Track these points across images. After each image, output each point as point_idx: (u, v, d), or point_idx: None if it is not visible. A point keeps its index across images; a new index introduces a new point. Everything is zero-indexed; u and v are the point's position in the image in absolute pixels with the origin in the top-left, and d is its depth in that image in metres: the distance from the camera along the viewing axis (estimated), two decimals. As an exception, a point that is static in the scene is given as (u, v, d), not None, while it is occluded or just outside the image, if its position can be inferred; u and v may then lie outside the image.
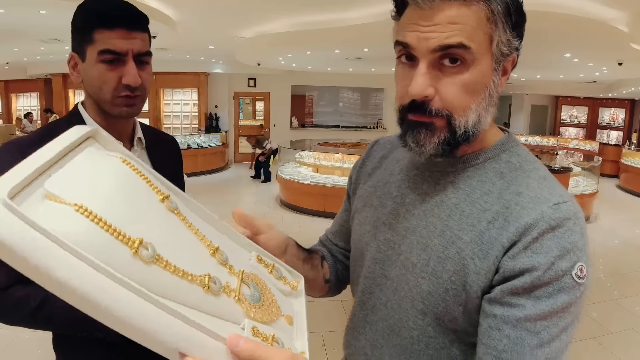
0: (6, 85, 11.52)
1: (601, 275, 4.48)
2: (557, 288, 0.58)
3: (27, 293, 0.84)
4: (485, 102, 0.64)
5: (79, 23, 0.89)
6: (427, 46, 0.59)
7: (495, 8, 0.60)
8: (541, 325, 0.57)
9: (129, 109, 0.92)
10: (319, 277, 0.86)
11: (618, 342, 3.11)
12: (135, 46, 0.89)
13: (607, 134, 13.48)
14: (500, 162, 0.68)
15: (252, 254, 0.65)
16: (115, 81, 0.89)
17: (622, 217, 6.94)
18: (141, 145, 1.05)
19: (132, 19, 0.88)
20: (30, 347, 2.82)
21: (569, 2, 4.36)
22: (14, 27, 5.67)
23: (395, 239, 0.74)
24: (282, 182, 7.05)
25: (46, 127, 0.97)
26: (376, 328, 0.76)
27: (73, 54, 0.92)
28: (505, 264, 0.59)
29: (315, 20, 5.58)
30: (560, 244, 0.58)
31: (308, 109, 13.80)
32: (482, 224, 0.63)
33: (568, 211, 0.61)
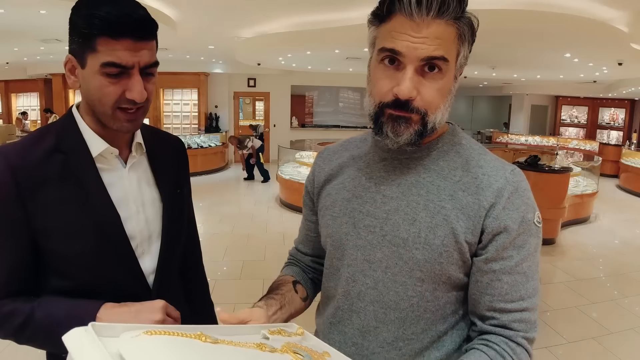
0: (6, 85, 11.52)
1: (601, 275, 4.48)
2: (528, 235, 0.78)
3: (13, 309, 0.81)
4: (448, 103, 0.79)
5: (79, 25, 0.78)
6: (417, 55, 0.72)
7: (463, 29, 0.74)
8: (526, 266, 0.78)
9: (130, 124, 0.84)
10: (298, 304, 0.95)
11: (618, 342, 3.11)
12: (143, 58, 0.80)
13: (607, 134, 13.48)
14: (455, 145, 0.85)
15: (262, 332, 0.72)
16: (117, 95, 0.80)
17: (622, 217, 6.95)
18: (141, 150, 0.96)
19: (141, 28, 0.78)
20: (30, 347, 2.82)
21: (569, 2, 4.36)
22: (14, 27, 5.67)
23: (376, 223, 0.83)
24: (282, 182, 7.05)
25: (34, 133, 0.89)
26: (366, 313, 0.84)
27: (70, 57, 0.82)
28: (491, 224, 0.76)
29: (315, 20, 5.58)
30: (523, 201, 0.78)
31: (308, 109, 13.80)
32: (458, 193, 0.79)
33: (520, 174, 0.81)
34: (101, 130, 0.87)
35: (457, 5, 0.71)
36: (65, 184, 0.83)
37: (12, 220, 0.80)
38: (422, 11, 0.70)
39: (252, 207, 7.04)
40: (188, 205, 1.10)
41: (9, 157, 0.81)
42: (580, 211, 6.25)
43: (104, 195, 0.87)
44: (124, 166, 0.92)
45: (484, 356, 0.75)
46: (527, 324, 0.77)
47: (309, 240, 1.05)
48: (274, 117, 12.05)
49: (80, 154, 0.86)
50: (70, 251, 0.83)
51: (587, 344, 3.08)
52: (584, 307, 3.69)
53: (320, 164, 1.00)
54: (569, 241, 5.53)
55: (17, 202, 0.80)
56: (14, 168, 0.80)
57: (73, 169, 0.84)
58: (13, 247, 0.82)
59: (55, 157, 0.84)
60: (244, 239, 5.28)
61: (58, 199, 0.82)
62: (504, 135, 13.54)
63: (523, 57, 7.34)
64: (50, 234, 0.82)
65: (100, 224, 0.85)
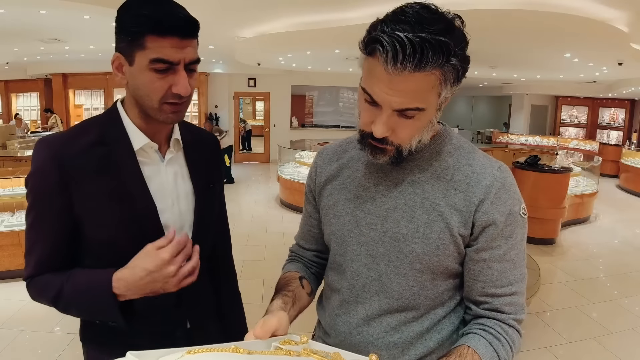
0: (6, 85, 11.52)
1: (601, 275, 4.48)
2: (515, 226, 0.85)
3: (47, 282, 0.89)
4: (428, 130, 0.83)
5: (127, 25, 0.83)
6: (390, 106, 0.76)
7: (447, 76, 0.75)
8: (514, 254, 0.85)
9: (175, 116, 0.90)
10: (305, 300, 1.00)
11: (618, 342, 3.11)
12: (188, 55, 0.85)
13: (607, 134, 13.48)
14: (446, 145, 0.90)
15: (274, 345, 0.76)
16: (164, 89, 0.86)
17: (622, 217, 6.95)
18: (178, 146, 1.02)
19: (186, 27, 0.84)
20: (30, 347, 2.83)
21: (569, 2, 4.36)
22: (14, 27, 5.67)
23: (377, 221, 0.89)
24: (282, 182, 7.05)
25: (80, 125, 0.96)
26: (371, 304, 0.91)
27: (118, 54, 0.87)
28: (481, 218, 0.83)
29: (315, 20, 5.58)
30: (510, 195, 0.84)
31: (308, 109, 13.81)
32: (451, 191, 0.85)
33: (507, 171, 0.87)
34: (144, 125, 0.93)
35: (439, 56, 0.71)
36: (107, 174, 0.89)
37: (55, 205, 0.87)
38: (397, 68, 0.71)
39: (252, 207, 7.04)
40: (220, 201, 1.16)
41: (54, 146, 0.88)
42: (580, 211, 6.25)
43: (142, 187, 0.93)
44: (162, 160, 0.98)
45: (483, 340, 0.82)
46: (516, 306, 0.86)
47: (312, 237, 1.09)
48: (274, 117, 12.05)
49: (123, 147, 0.92)
50: (107, 238, 0.90)
51: (587, 344, 3.08)
52: (584, 307, 3.69)
53: (320, 164, 1.04)
54: (569, 241, 5.53)
55: (60, 189, 0.86)
56: (58, 157, 0.86)
57: (115, 161, 0.90)
58: (55, 229, 0.89)
59: (99, 149, 0.90)
60: (244, 239, 5.28)
61: (99, 188, 0.88)
62: (504, 135, 13.54)
63: (523, 57, 7.34)
64: (90, 220, 0.89)
65: (137, 214, 0.92)
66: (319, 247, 1.09)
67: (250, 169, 11.02)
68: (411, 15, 0.71)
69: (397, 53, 0.69)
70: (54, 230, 0.89)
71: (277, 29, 6.12)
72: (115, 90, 10.83)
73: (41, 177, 0.87)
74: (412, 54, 0.69)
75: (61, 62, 9.82)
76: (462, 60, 0.75)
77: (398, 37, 0.69)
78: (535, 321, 3.39)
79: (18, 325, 3.07)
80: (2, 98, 11.63)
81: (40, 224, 0.90)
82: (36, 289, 0.91)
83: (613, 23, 4.78)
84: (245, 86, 11.76)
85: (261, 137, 12.55)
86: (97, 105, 11.11)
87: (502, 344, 0.82)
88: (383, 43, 0.70)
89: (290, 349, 0.73)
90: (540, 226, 5.29)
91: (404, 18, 0.71)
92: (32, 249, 0.91)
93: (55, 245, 0.90)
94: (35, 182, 0.88)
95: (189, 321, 1.04)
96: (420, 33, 0.69)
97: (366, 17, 5.07)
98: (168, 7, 0.83)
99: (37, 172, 0.88)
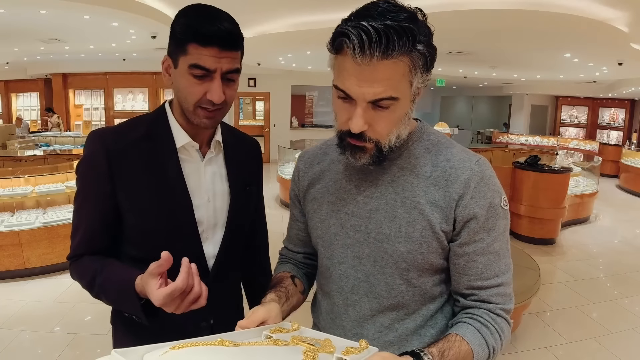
0: (6, 85, 11.53)
1: (601, 275, 4.48)
2: (496, 218, 0.85)
3: (84, 268, 0.97)
4: (405, 123, 0.84)
5: (177, 31, 0.90)
6: (364, 97, 0.76)
7: (416, 62, 0.75)
8: (497, 245, 0.86)
9: (208, 121, 0.95)
10: (298, 297, 1.01)
11: (618, 342, 3.11)
12: (225, 65, 0.91)
13: (607, 134, 13.48)
14: (423, 142, 0.91)
15: (264, 333, 0.77)
16: (199, 94, 0.91)
17: (622, 217, 6.95)
18: (219, 147, 1.07)
19: (227, 40, 0.89)
20: (30, 347, 2.83)
21: (569, 2, 4.36)
22: (14, 27, 5.67)
23: (361, 222, 0.90)
24: (282, 182, 7.04)
25: (130, 121, 1.04)
26: (361, 305, 0.91)
27: (167, 57, 0.95)
28: (461, 213, 0.83)
29: (315, 20, 5.58)
30: (490, 188, 0.85)
31: (308, 109, 13.81)
32: (430, 188, 0.86)
33: (485, 164, 0.87)
34: (187, 125, 1.00)
35: (405, 42, 0.72)
36: (150, 168, 0.97)
37: (101, 191, 0.96)
38: (365, 56, 0.72)
39: (252, 207, 7.03)
40: (258, 203, 1.22)
41: (106, 139, 0.97)
42: (580, 211, 6.25)
43: (181, 183, 0.99)
44: (201, 159, 1.04)
45: (471, 327, 0.83)
46: (504, 297, 0.86)
47: (299, 240, 1.10)
48: (274, 117, 12.05)
49: (166, 144, 0.99)
50: (145, 226, 0.98)
51: (587, 344, 3.08)
52: (584, 307, 3.69)
53: (302, 167, 1.05)
54: (569, 241, 5.53)
55: (107, 178, 0.95)
56: (109, 149, 0.95)
57: (158, 156, 0.98)
58: (97, 213, 0.97)
59: (145, 143, 0.98)
60: (244, 239, 5.27)
61: (141, 179, 0.96)
62: (504, 135, 13.54)
63: (523, 57, 7.34)
64: (131, 209, 0.97)
65: (174, 207, 0.98)
66: (308, 249, 1.10)
67: (250, 169, 11.00)
68: (374, 9, 0.73)
69: (364, 42, 0.70)
70: (96, 213, 0.97)
71: (277, 29, 6.12)
72: (116, 90, 10.84)
73: (91, 165, 0.96)
74: (377, 41, 0.70)
75: (61, 62, 9.83)
76: (428, 47, 0.76)
77: (363, 26, 0.70)
78: (535, 321, 3.39)
79: (18, 325, 3.07)
80: (2, 98, 11.63)
81: (85, 208, 0.98)
82: (76, 271, 0.99)
83: (613, 23, 4.78)
84: (245, 86, 11.76)
85: (261, 137, 12.54)
86: (97, 105, 11.11)
87: (491, 331, 0.83)
88: (349, 35, 0.72)
89: (280, 337, 0.73)
90: (540, 226, 5.29)
91: (367, 13, 0.73)
92: (76, 230, 0.99)
93: (95, 229, 0.98)
94: (85, 169, 0.97)
95: (212, 318, 1.08)
96: (384, 21, 0.71)
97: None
98: (213, 20, 0.89)
99: (87, 160, 0.97)
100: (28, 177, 4.29)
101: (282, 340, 0.71)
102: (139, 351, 0.61)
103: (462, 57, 7.16)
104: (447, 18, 4.50)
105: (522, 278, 3.06)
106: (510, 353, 2.93)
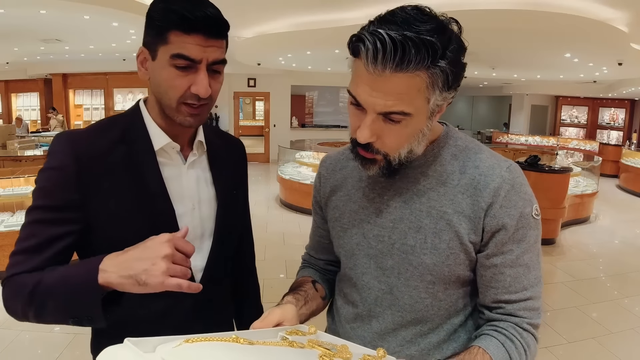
0: (6, 85, 11.53)
1: (601, 275, 4.48)
2: (527, 229, 0.80)
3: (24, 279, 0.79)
4: (419, 140, 0.78)
5: (155, 19, 0.81)
6: (374, 108, 0.72)
7: (435, 79, 0.70)
8: (527, 258, 0.81)
9: (192, 119, 0.86)
10: (319, 302, 0.98)
11: (618, 342, 3.11)
12: (211, 55, 0.82)
13: (607, 134, 13.48)
14: (450, 147, 0.85)
15: (280, 334, 0.75)
16: (183, 88, 0.82)
17: (622, 217, 6.95)
18: (202, 149, 0.98)
19: (213, 26, 0.81)
20: (30, 347, 2.83)
21: (569, 2, 4.36)
22: (14, 27, 5.67)
23: (384, 233, 0.86)
24: (282, 182, 7.04)
25: (101, 122, 0.92)
26: (384, 317, 0.88)
27: (143, 49, 0.85)
28: (490, 223, 0.79)
29: (315, 20, 5.58)
30: (520, 197, 0.80)
31: (308, 109, 13.81)
32: (458, 196, 0.81)
33: (516, 170, 0.82)
34: (166, 125, 0.90)
35: (424, 56, 0.66)
36: (126, 173, 0.86)
37: (64, 201, 0.82)
38: (377, 66, 0.67)
39: (252, 207, 6.96)
40: (244, 209, 1.12)
41: (75, 142, 0.84)
42: (580, 211, 6.25)
43: (161, 188, 0.88)
44: (183, 163, 0.94)
45: (495, 340, 0.78)
46: (532, 311, 0.81)
47: (322, 247, 1.07)
48: (274, 117, 12.04)
49: (143, 146, 0.88)
50: (121, 239, 0.80)
51: (587, 344, 3.08)
52: (584, 307, 3.69)
53: (324, 174, 1.01)
54: (569, 241, 5.53)
55: (76, 185, 0.82)
56: (79, 153, 0.83)
57: (135, 160, 0.87)
58: (56, 226, 0.82)
59: (120, 147, 0.86)
60: (244, 239, 5.28)
61: (117, 186, 0.85)
62: (504, 135, 13.54)
63: (523, 57, 7.34)
64: (106, 220, 0.84)
65: (154, 215, 0.87)
66: (330, 256, 1.06)
67: (250, 169, 11.00)
68: (399, 15, 0.68)
69: (377, 51, 0.66)
70: (56, 228, 0.82)
71: (277, 29, 6.12)
72: (116, 91, 10.83)
73: (56, 171, 0.82)
74: (392, 52, 0.66)
75: (61, 62, 9.82)
76: (453, 64, 0.70)
77: (379, 34, 0.66)
78: (535, 321, 3.38)
79: (18, 325, 3.06)
80: (2, 98, 11.63)
81: (41, 222, 0.82)
82: (11, 288, 0.79)
83: (613, 23, 4.78)
84: (245, 86, 11.76)
85: (261, 137, 12.54)
86: (97, 105, 11.10)
87: (516, 346, 0.78)
88: (365, 41, 0.68)
89: (296, 339, 0.72)
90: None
91: (391, 18, 0.68)
92: (23, 245, 0.81)
93: (51, 242, 0.81)
94: (48, 177, 0.83)
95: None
96: (404, 31, 0.66)
97: (366, 17, 5.03)
98: (196, 4, 0.80)
99: (51, 166, 0.83)
100: (28, 177, 4.29)
101: (297, 342, 0.70)
102: (152, 342, 0.60)
103: (462, 57, 7.15)
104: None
105: (522, 278, 3.06)
106: (510, 353, 2.93)
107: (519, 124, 14.33)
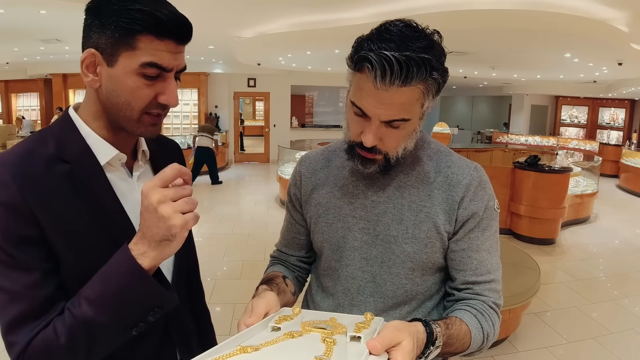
0: (6, 85, 11.54)
1: (601, 275, 4.48)
2: (490, 219, 0.95)
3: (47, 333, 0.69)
4: (412, 137, 0.90)
5: (118, 19, 0.70)
6: (379, 117, 0.82)
7: (430, 88, 0.82)
8: (489, 245, 0.95)
9: (154, 129, 0.79)
10: (289, 296, 1.03)
11: (618, 342, 3.11)
12: (181, 62, 0.76)
13: (607, 134, 13.47)
14: (425, 150, 0.99)
15: (270, 325, 0.75)
16: (150, 98, 0.75)
17: (622, 217, 6.94)
18: (145, 157, 0.90)
19: (185, 32, 0.74)
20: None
21: (569, 2, 4.36)
22: (14, 27, 5.67)
23: (369, 225, 0.96)
24: (282, 182, 7.05)
25: (28, 140, 0.78)
26: (366, 305, 0.97)
27: (94, 52, 0.73)
28: (462, 213, 0.92)
29: (315, 20, 5.58)
30: (486, 192, 0.95)
31: (308, 109, 13.81)
32: (434, 192, 0.94)
33: (482, 170, 0.97)
34: (109, 136, 0.80)
35: (423, 72, 0.77)
36: (75, 195, 0.74)
37: (28, 237, 0.69)
38: (385, 84, 0.77)
39: (252, 207, 7.04)
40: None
41: (10, 166, 0.71)
42: (580, 211, 6.25)
43: (118, 207, 0.79)
44: (130, 176, 0.85)
45: (468, 313, 0.89)
46: (495, 292, 0.94)
47: (297, 243, 1.13)
48: (274, 117, 12.05)
49: (87, 164, 0.77)
50: (88, 264, 0.73)
51: (587, 344, 3.08)
52: (584, 307, 3.69)
53: (305, 172, 1.08)
54: (569, 241, 5.53)
55: (29, 216, 0.69)
56: (17, 179, 0.69)
57: (82, 180, 0.75)
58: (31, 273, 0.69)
59: (59, 166, 0.74)
60: (244, 239, 5.28)
61: (69, 211, 0.73)
62: (504, 135, 13.54)
63: (523, 57, 7.34)
64: (70, 247, 0.73)
65: (116, 237, 0.76)
66: (303, 252, 1.14)
67: (250, 169, 11.02)
68: (395, 33, 0.77)
69: (385, 71, 0.75)
70: (30, 273, 0.69)
71: (277, 29, 6.12)
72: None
73: (4, 209, 0.68)
74: (399, 72, 0.75)
75: (61, 62, 9.83)
76: (442, 74, 0.81)
77: (385, 56, 0.75)
78: (535, 321, 3.39)
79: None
80: (2, 98, 11.64)
81: (12, 274, 0.69)
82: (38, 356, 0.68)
83: (613, 23, 4.78)
84: (245, 86, 11.76)
85: (261, 137, 12.54)
86: (97, 105, 11.11)
87: (485, 318, 0.90)
88: (372, 61, 0.76)
89: (288, 327, 0.73)
90: (540, 226, 5.29)
91: (389, 37, 0.77)
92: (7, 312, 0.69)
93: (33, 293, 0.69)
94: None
95: (178, 351, 0.93)
96: (405, 51, 0.75)
97: (366, 17, 5.07)
98: (166, 6, 0.71)
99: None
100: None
101: (295, 331, 0.71)
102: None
103: (462, 57, 7.16)
104: (447, 18, 4.50)
105: (522, 278, 3.06)
106: (510, 353, 2.93)
107: (519, 124, 14.33)
